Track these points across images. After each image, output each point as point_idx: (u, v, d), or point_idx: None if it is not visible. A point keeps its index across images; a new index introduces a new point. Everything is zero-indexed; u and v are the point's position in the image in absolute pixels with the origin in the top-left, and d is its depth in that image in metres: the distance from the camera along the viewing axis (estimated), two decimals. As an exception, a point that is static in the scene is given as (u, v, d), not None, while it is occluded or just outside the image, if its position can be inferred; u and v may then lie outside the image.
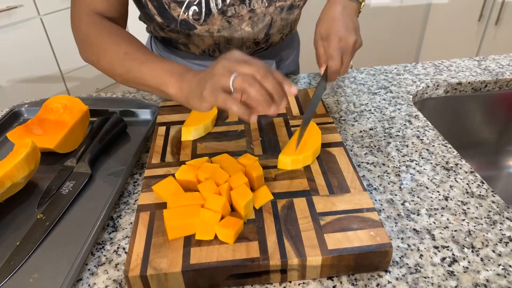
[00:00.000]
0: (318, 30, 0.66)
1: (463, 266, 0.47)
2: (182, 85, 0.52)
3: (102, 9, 0.65)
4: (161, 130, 0.67)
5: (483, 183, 0.59)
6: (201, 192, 0.50)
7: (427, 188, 0.58)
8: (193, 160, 0.57)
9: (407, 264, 0.47)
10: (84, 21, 0.63)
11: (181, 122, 0.67)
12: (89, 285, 0.47)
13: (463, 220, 0.53)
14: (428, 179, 0.60)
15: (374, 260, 0.45)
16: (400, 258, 0.48)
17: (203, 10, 0.69)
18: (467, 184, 0.59)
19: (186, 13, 0.70)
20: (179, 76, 0.52)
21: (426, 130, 0.71)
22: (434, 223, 0.52)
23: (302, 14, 0.90)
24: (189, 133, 0.64)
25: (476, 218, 0.53)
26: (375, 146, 0.67)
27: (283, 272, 0.44)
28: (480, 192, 0.57)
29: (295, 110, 0.70)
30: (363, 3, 0.69)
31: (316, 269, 0.44)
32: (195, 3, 0.68)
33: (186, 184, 0.53)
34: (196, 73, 0.52)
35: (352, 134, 0.70)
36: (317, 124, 0.65)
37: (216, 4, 0.69)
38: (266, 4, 0.72)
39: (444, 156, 0.64)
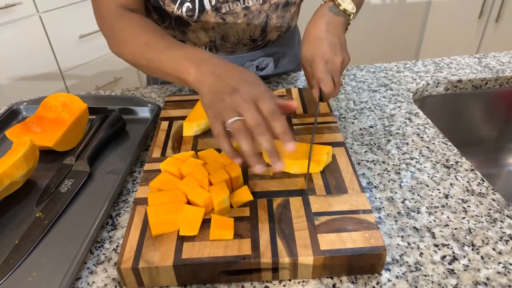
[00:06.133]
0: (303, 53, 0.64)
1: (463, 264, 0.46)
2: (200, 76, 0.50)
3: (125, 2, 0.65)
4: (164, 124, 0.67)
5: (484, 181, 0.58)
6: (182, 190, 0.50)
7: (427, 186, 0.58)
8: (179, 153, 0.57)
9: (407, 262, 0.47)
10: (109, 15, 0.64)
11: (184, 118, 0.67)
12: (88, 284, 0.46)
13: (464, 218, 0.53)
14: (428, 177, 0.60)
15: (367, 262, 0.44)
16: (400, 256, 0.48)
17: (197, 6, 0.69)
18: (468, 182, 0.58)
19: (180, 10, 0.70)
20: (197, 64, 0.51)
21: (426, 127, 0.70)
22: (434, 221, 0.52)
23: (304, 11, 0.90)
24: (190, 129, 0.64)
25: (477, 216, 0.53)
26: (375, 144, 0.67)
27: (274, 270, 0.44)
28: (481, 190, 0.57)
29: (299, 109, 0.69)
30: (351, 16, 0.65)
31: (307, 269, 0.44)
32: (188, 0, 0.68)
33: (169, 177, 0.53)
34: (214, 65, 0.50)
35: (352, 132, 0.70)
36: (320, 123, 0.65)
37: (210, 1, 0.69)
38: (261, 1, 0.71)
39: (444, 154, 0.64)
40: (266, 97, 0.47)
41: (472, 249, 0.48)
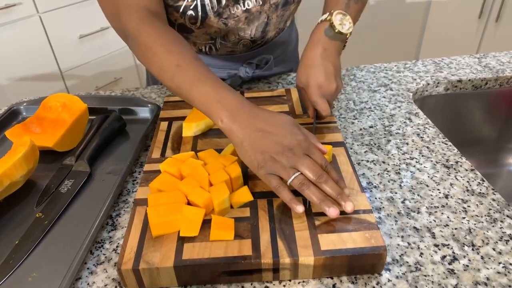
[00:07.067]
0: (299, 77, 0.64)
1: (464, 264, 0.46)
2: (234, 126, 0.49)
3: (150, 3, 0.62)
4: (163, 125, 0.67)
5: (484, 181, 0.58)
6: (182, 190, 0.50)
7: (427, 186, 0.58)
8: (179, 154, 0.57)
9: (407, 262, 0.47)
10: (135, 16, 0.60)
11: (184, 118, 0.67)
12: (88, 284, 0.46)
13: (464, 218, 0.53)
14: (428, 177, 0.60)
15: (368, 262, 0.44)
16: (400, 256, 0.48)
17: (199, 14, 0.69)
18: (468, 182, 0.58)
19: (183, 18, 0.70)
20: (230, 113, 0.49)
21: (426, 127, 0.70)
22: (435, 221, 0.52)
23: (302, 8, 0.90)
24: (190, 129, 0.64)
25: (477, 216, 0.53)
26: (375, 144, 0.67)
27: (275, 271, 0.44)
28: (481, 190, 0.57)
29: (298, 109, 0.69)
30: (348, 35, 0.65)
31: (308, 269, 0.44)
32: (191, 7, 0.68)
33: (169, 177, 0.53)
34: (248, 114, 0.50)
35: (352, 132, 0.70)
36: (321, 123, 0.65)
37: (212, 7, 0.68)
38: (261, 2, 0.71)
39: (445, 154, 0.64)
40: (313, 146, 0.49)
41: (472, 249, 0.48)
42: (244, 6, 0.71)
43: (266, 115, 0.50)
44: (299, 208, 0.46)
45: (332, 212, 0.46)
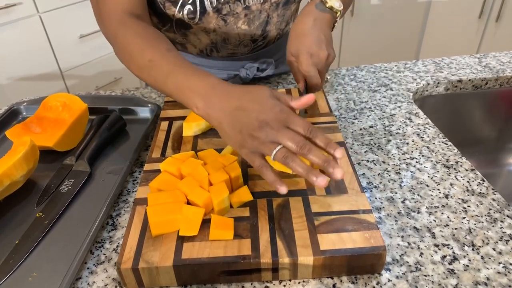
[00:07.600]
0: (289, 48, 0.64)
1: (464, 264, 0.46)
2: (209, 111, 0.48)
3: (130, 7, 0.63)
4: (164, 125, 0.67)
5: (484, 180, 0.58)
6: (182, 190, 0.50)
7: (427, 186, 0.58)
8: (179, 154, 0.57)
9: (407, 262, 0.47)
10: (113, 21, 0.61)
11: (184, 118, 0.67)
12: (88, 284, 0.47)
13: (464, 218, 0.53)
14: (429, 177, 0.60)
15: (367, 262, 0.44)
16: (400, 256, 0.48)
17: (198, 8, 0.69)
18: (468, 182, 0.58)
19: (181, 12, 0.70)
20: (203, 99, 0.49)
21: (427, 127, 0.70)
22: (435, 221, 0.52)
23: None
24: (190, 129, 0.64)
25: (477, 216, 0.53)
26: (375, 144, 0.67)
27: (274, 270, 0.44)
28: (481, 190, 0.57)
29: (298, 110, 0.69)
30: (338, 13, 0.66)
31: (307, 269, 0.44)
32: (189, 2, 0.68)
33: (169, 177, 0.53)
34: (221, 97, 0.48)
35: (352, 132, 0.70)
36: (320, 123, 0.65)
37: (211, 2, 0.69)
38: (261, 1, 0.71)
39: (445, 154, 0.64)
40: (292, 115, 0.46)
41: (472, 249, 0.48)
42: (244, 3, 0.71)
43: (240, 91, 0.48)
44: (283, 189, 0.44)
45: (320, 181, 0.42)
